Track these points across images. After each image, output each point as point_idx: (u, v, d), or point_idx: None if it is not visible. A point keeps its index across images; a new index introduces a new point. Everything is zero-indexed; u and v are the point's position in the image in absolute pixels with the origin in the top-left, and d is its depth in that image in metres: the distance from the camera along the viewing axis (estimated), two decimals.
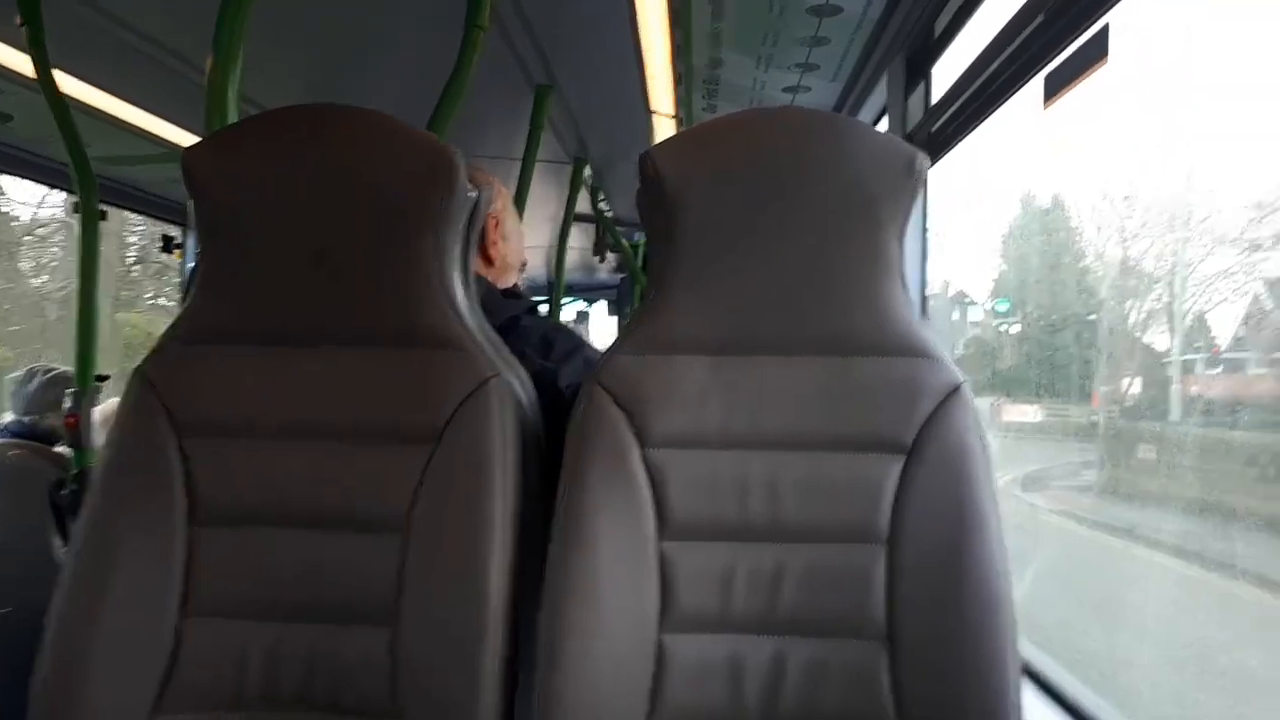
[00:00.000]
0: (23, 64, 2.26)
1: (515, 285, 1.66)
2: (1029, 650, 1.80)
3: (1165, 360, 3.14)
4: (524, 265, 1.76)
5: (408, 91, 2.41)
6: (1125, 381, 3.49)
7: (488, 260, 1.63)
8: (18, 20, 2.06)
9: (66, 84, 2.37)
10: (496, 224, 1.64)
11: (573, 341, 1.51)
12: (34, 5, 2.05)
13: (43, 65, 2.17)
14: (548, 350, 1.46)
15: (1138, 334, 3.36)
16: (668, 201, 1.15)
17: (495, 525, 1.11)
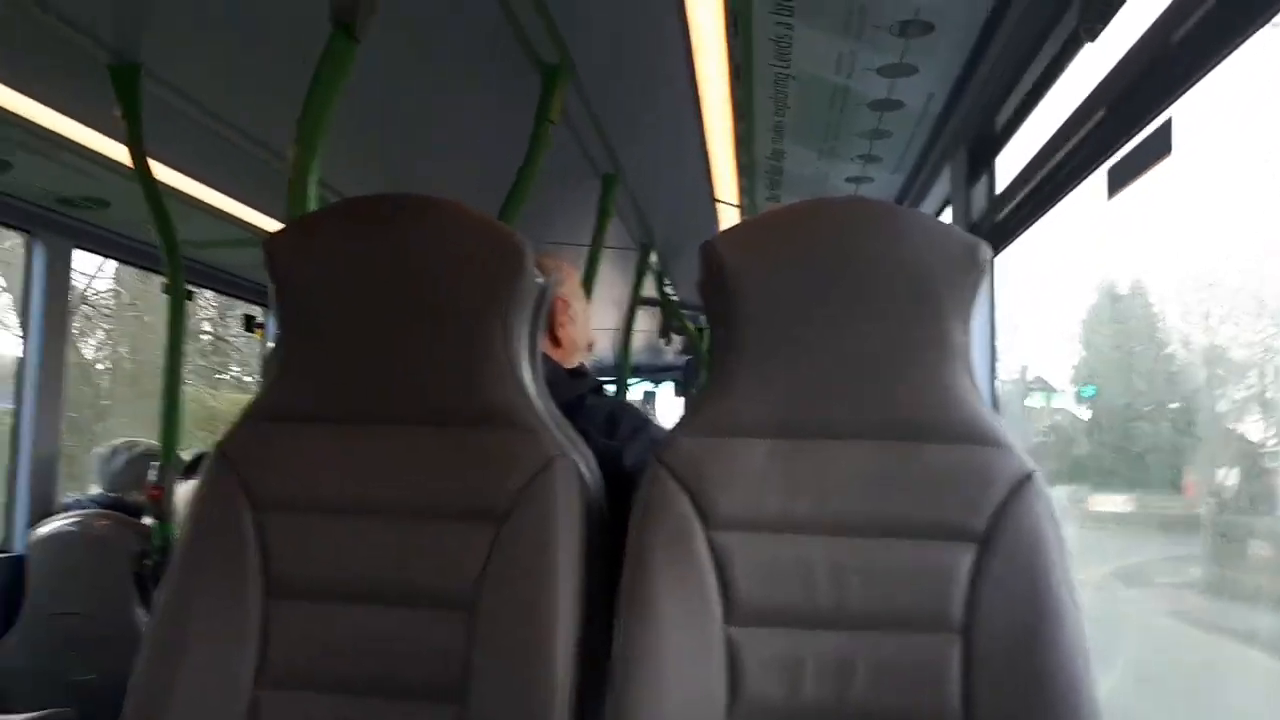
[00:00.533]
0: (119, 152, 2.41)
1: (581, 365, 1.69)
2: None
3: (1262, 450, 3.01)
4: (591, 346, 1.79)
5: (481, 181, 2.50)
6: (1220, 472, 3.30)
7: (555, 341, 1.66)
8: (118, 113, 2.21)
9: (159, 171, 2.52)
10: (565, 306, 1.67)
11: (637, 420, 1.53)
12: (133, 98, 2.19)
13: (138, 154, 2.31)
14: (613, 429, 1.48)
15: (1230, 424, 3.23)
16: (729, 288, 1.17)
17: (561, 604, 1.12)
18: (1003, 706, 1.07)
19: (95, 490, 3.12)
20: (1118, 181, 1.50)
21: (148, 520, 2.82)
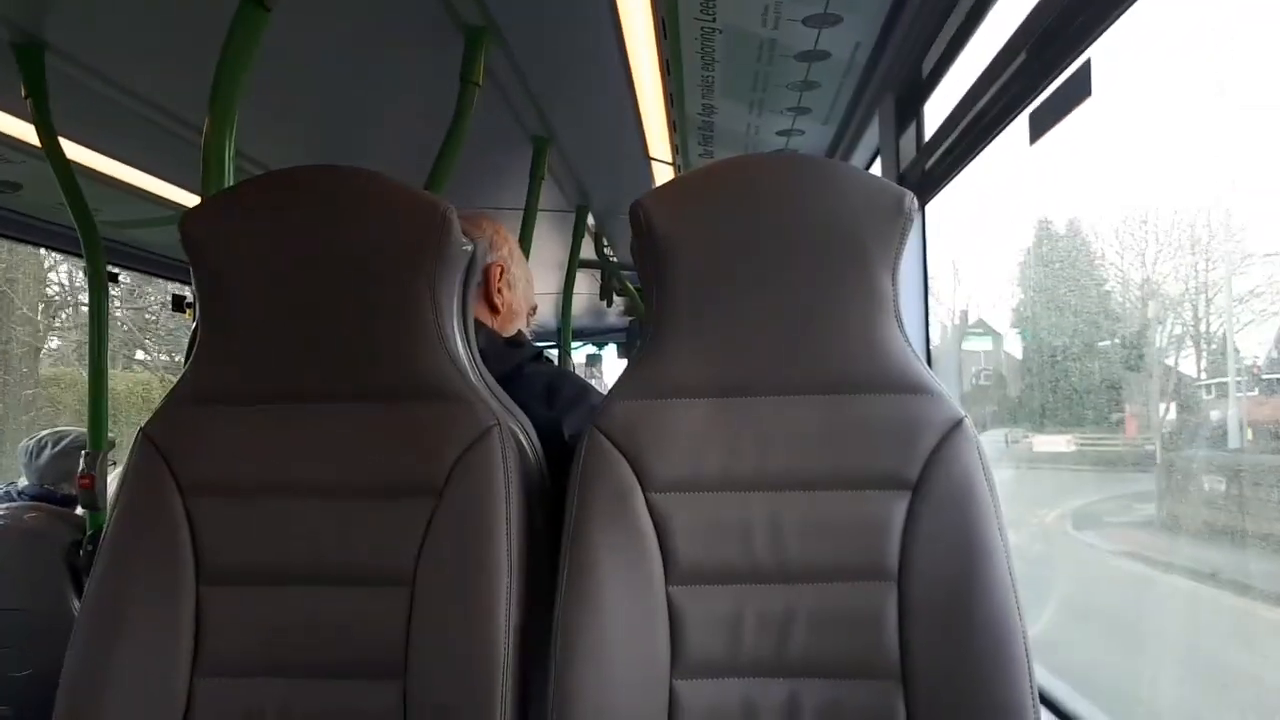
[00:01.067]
0: (28, 133, 2.32)
1: (519, 333, 1.66)
2: (1045, 679, 1.77)
3: (1199, 384, 3.01)
4: (534, 311, 1.76)
5: (407, 148, 2.46)
6: (1160, 408, 3.31)
7: (493, 308, 1.63)
8: (22, 92, 2.12)
9: (71, 151, 2.43)
10: (502, 271, 1.64)
11: (577, 389, 1.51)
12: (38, 77, 2.11)
13: (48, 134, 2.22)
14: (552, 398, 1.46)
15: (1167, 359, 3.22)
16: (659, 249, 1.17)
17: (502, 575, 1.12)
18: (938, 651, 1.09)
19: (22, 483, 3.04)
20: (1039, 125, 1.52)
21: (80, 511, 2.76)
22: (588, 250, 4.31)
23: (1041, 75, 1.52)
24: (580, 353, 7.62)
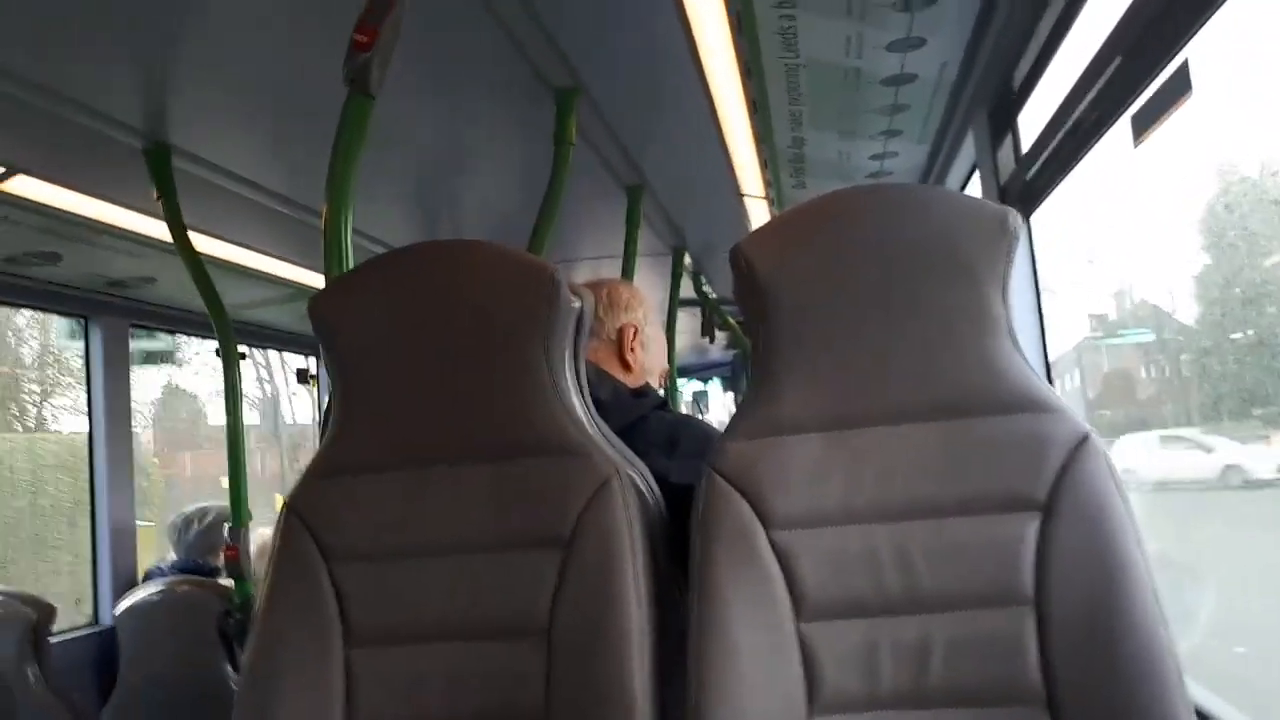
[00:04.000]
0: (159, 230, 2.49)
1: (645, 385, 1.69)
2: (1202, 695, 1.68)
3: None
4: (665, 375, 1.80)
5: (508, 210, 2.55)
6: None
7: (625, 366, 1.68)
8: (154, 195, 2.28)
9: (201, 242, 2.59)
10: (635, 332, 1.69)
11: (699, 439, 1.52)
12: (166, 177, 2.26)
13: (178, 230, 2.38)
14: (673, 447, 1.48)
15: None
16: (761, 289, 1.18)
17: (633, 621, 1.14)
18: (1082, 674, 1.06)
19: (172, 558, 3.22)
20: (1141, 126, 1.48)
21: (226, 581, 2.91)
22: (686, 289, 4.34)
23: (1140, 77, 1.49)
24: (686, 389, 7.65)
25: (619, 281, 1.78)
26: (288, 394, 10.18)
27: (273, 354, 8.84)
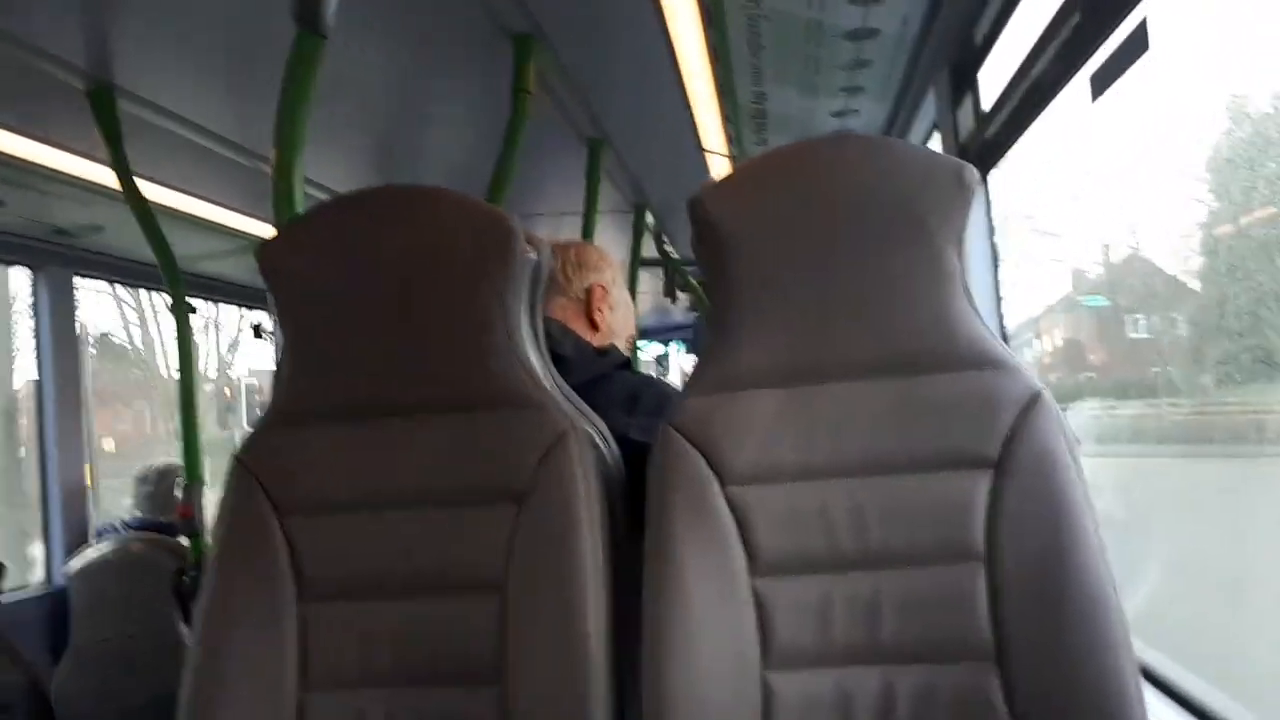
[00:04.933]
0: (107, 176, 2.42)
1: (609, 345, 1.68)
2: (1148, 655, 1.72)
3: None
4: (633, 339, 1.79)
5: (465, 160, 2.51)
6: None
7: (593, 326, 1.66)
8: (99, 139, 2.21)
9: (149, 190, 2.53)
10: (604, 293, 1.67)
11: (659, 398, 1.51)
12: (112, 120, 2.20)
13: (124, 176, 2.32)
14: (633, 406, 1.47)
15: None
16: (719, 242, 1.17)
17: (588, 575, 1.14)
18: (1031, 629, 1.07)
19: (132, 514, 3.18)
20: (1100, 85, 1.49)
21: (183, 539, 2.88)
22: (649, 249, 4.32)
23: (1097, 35, 1.49)
24: (648, 352, 7.64)
25: (586, 243, 1.77)
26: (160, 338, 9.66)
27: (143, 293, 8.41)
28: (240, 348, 10.33)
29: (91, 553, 2.94)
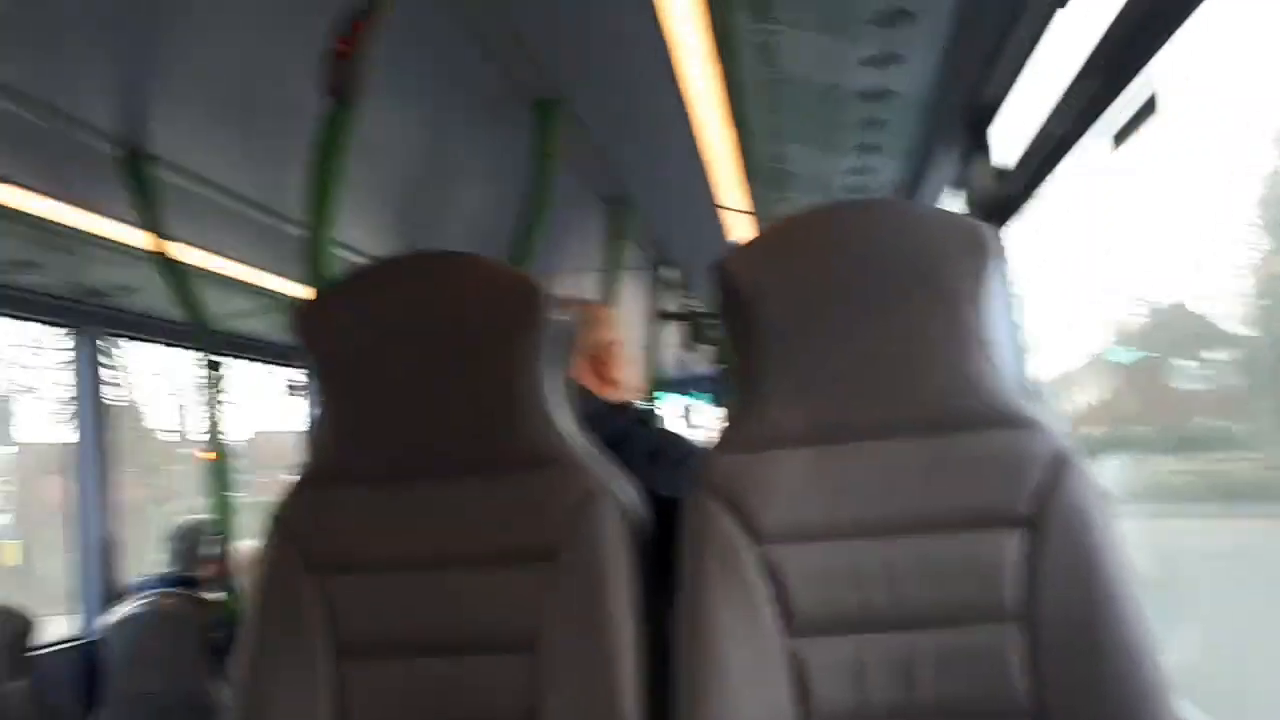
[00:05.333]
0: (139, 238, 2.49)
1: (625, 400, 1.70)
2: (1191, 714, 1.69)
3: None
4: (642, 389, 1.81)
5: (489, 220, 2.56)
6: None
7: (610, 383, 1.68)
8: (131, 202, 2.28)
9: (181, 251, 2.59)
10: (620, 349, 1.70)
11: (681, 452, 1.53)
12: (144, 185, 2.27)
13: (156, 238, 2.38)
14: (655, 461, 1.48)
15: None
16: (746, 305, 1.19)
17: (622, 634, 1.14)
18: (1070, 690, 1.06)
19: (164, 570, 3.21)
20: (1120, 138, 1.51)
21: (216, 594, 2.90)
22: (668, 303, 4.36)
23: (1110, 96, 1.52)
24: (676, 404, 7.63)
25: (590, 302, 1.79)
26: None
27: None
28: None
29: (127, 605, 2.97)
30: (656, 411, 4.58)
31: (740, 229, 3.35)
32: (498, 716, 1.17)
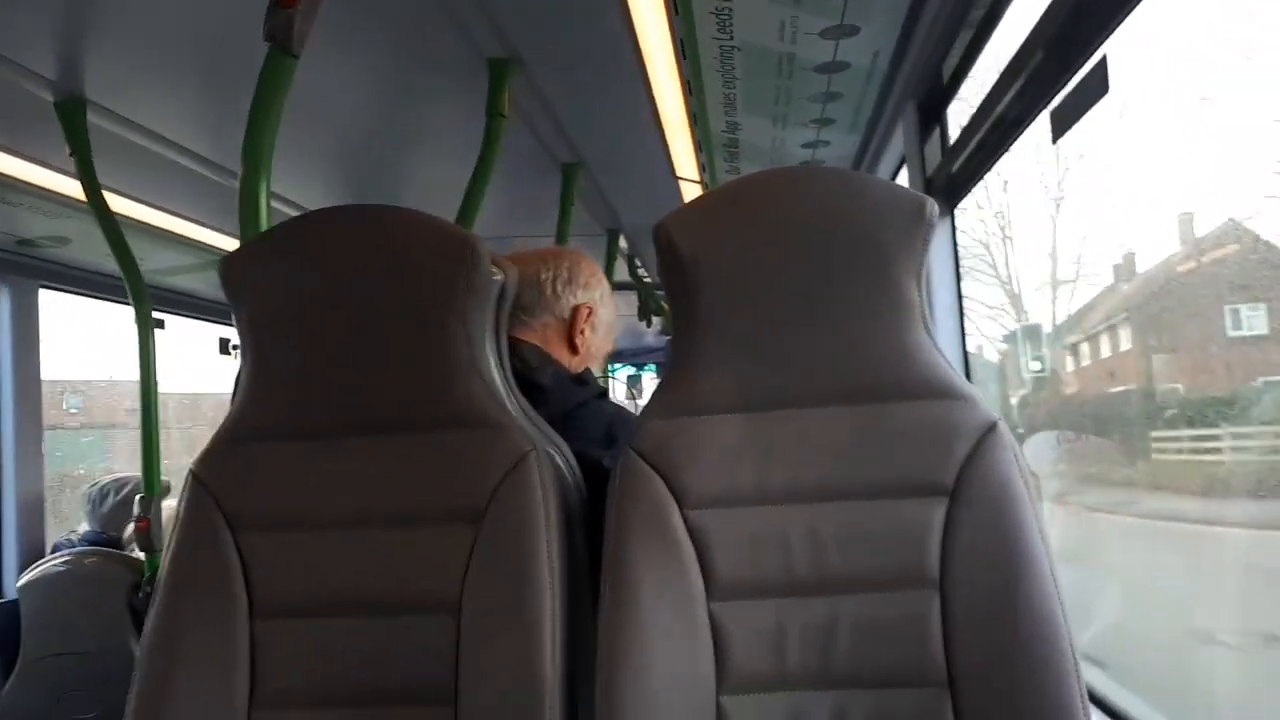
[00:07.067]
0: (74, 188, 2.40)
1: (586, 370, 1.65)
2: (1094, 676, 1.73)
3: None
4: (609, 355, 1.76)
5: (439, 183, 2.51)
6: None
7: (573, 349, 1.63)
8: (67, 151, 2.20)
9: (117, 203, 2.51)
10: (589, 314, 1.63)
11: (632, 431, 1.50)
12: (81, 133, 2.19)
13: (92, 189, 2.30)
14: (611, 441, 1.46)
15: None
16: (683, 268, 1.18)
17: (545, 598, 1.13)
18: (982, 657, 1.08)
19: (84, 528, 3.13)
20: (1061, 124, 1.52)
21: (139, 554, 2.83)
22: (621, 273, 4.34)
23: (1060, 73, 1.52)
24: (621, 374, 7.66)
25: (581, 254, 1.72)
26: None
27: None
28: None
29: (46, 565, 2.89)
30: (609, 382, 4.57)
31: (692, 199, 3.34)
32: (417, 679, 1.15)
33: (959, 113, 2.23)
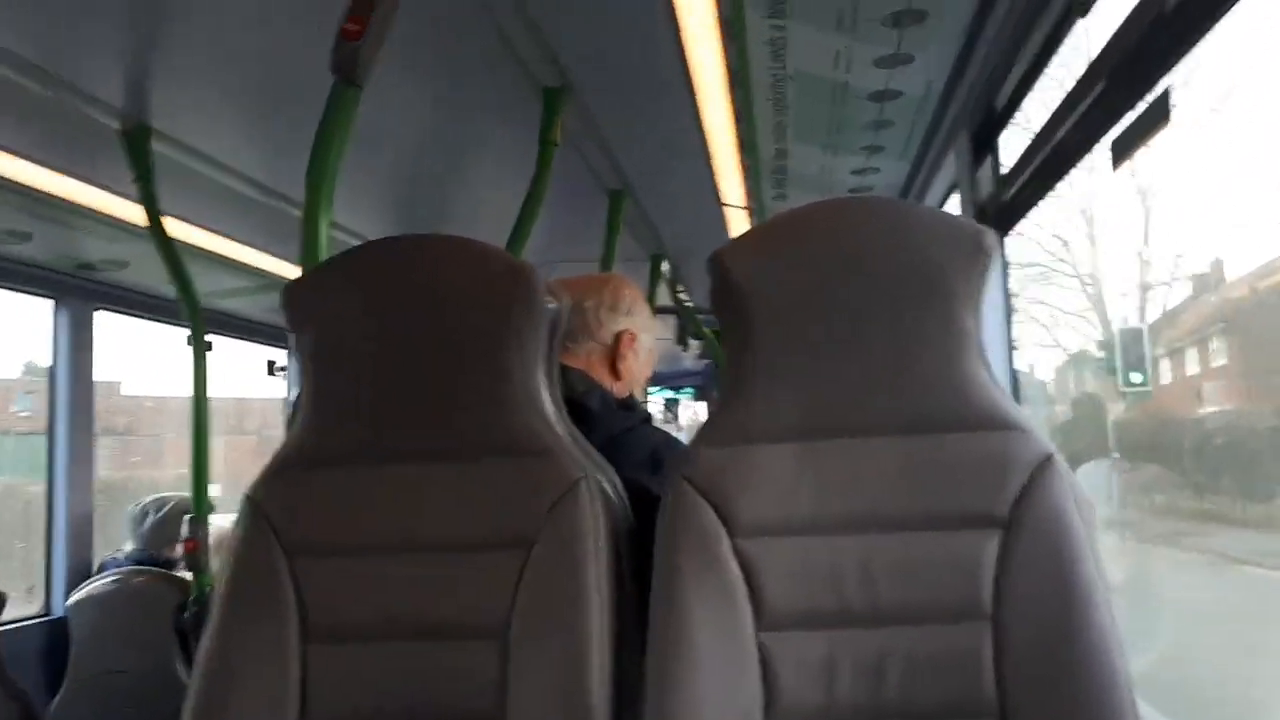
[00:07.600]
0: (135, 213, 2.45)
1: (631, 396, 1.66)
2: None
3: None
4: (650, 379, 1.77)
5: (490, 208, 2.53)
6: None
7: (615, 374, 1.64)
8: (131, 176, 2.25)
9: (176, 228, 2.56)
10: (631, 340, 1.65)
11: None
12: (144, 160, 2.23)
13: (153, 214, 2.35)
14: (656, 463, 1.45)
15: None
16: (738, 298, 1.18)
17: (593, 625, 1.13)
18: (1036, 692, 1.06)
19: (129, 546, 3.17)
20: (1121, 152, 1.50)
21: (185, 574, 2.86)
22: (663, 297, 4.35)
23: (1121, 104, 1.51)
24: (658, 397, 7.65)
25: (623, 280, 1.73)
26: None
27: None
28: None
29: (95, 584, 2.93)
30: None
31: (739, 226, 3.34)
32: (466, 704, 1.15)
33: (1010, 142, 2.22)
